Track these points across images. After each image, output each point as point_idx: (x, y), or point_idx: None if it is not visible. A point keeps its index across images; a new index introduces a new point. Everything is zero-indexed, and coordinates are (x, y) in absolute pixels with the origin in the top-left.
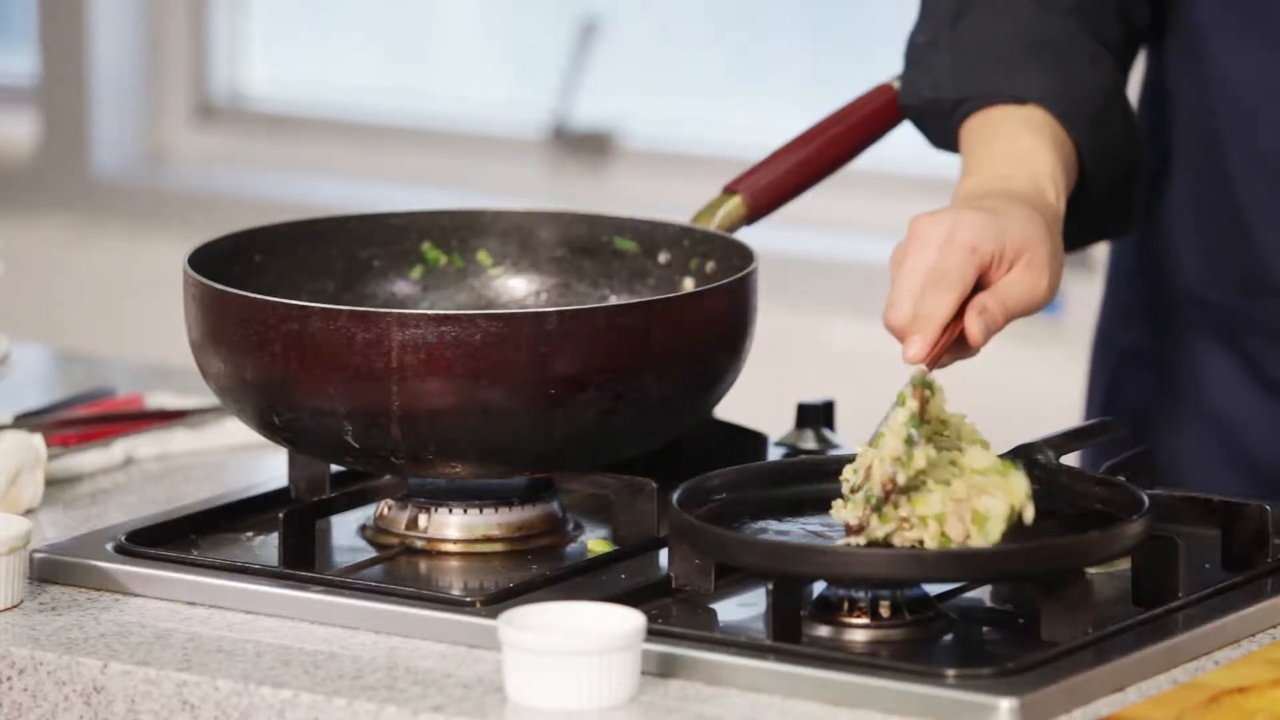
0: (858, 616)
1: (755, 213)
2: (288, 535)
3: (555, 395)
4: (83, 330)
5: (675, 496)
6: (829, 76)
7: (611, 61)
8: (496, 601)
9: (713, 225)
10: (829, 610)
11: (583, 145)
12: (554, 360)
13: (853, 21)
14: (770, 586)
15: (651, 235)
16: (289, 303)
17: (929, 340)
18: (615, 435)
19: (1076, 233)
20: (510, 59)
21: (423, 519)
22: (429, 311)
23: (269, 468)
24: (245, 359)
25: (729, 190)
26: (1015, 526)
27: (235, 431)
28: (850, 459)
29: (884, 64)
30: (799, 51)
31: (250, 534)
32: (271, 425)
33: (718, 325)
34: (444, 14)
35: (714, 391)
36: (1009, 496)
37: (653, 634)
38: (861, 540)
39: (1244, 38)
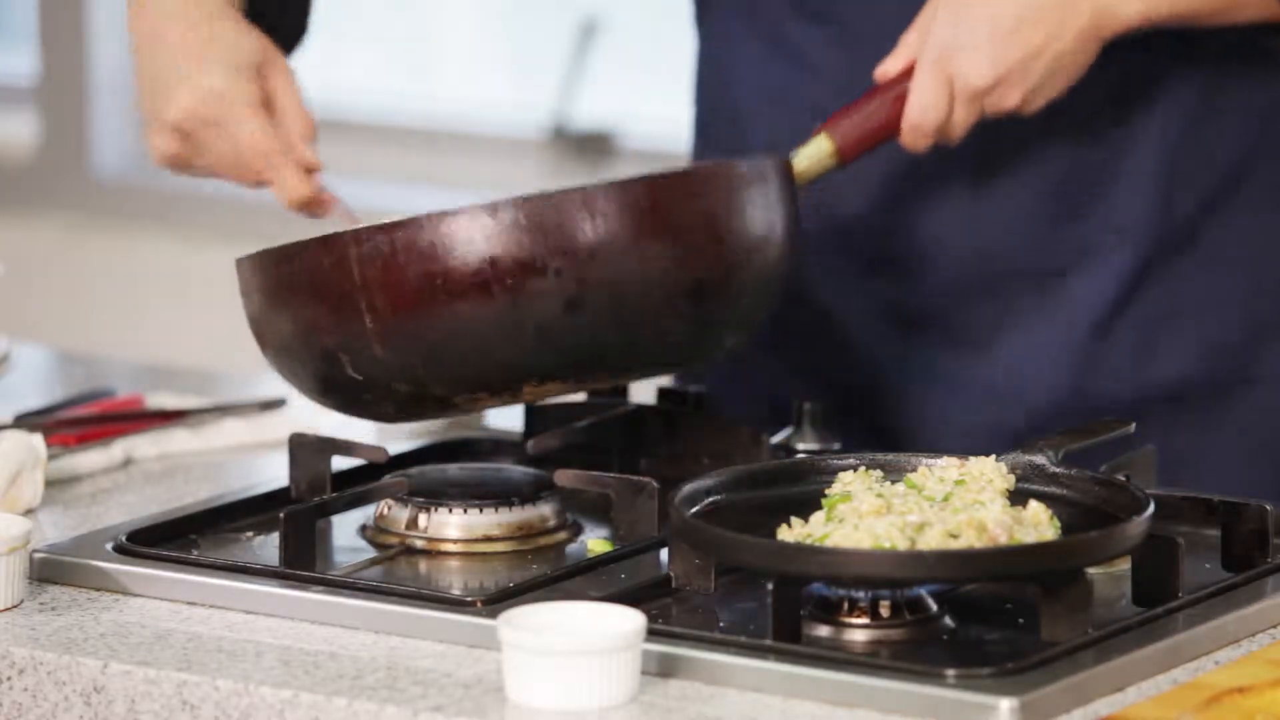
0: (858, 616)
1: (846, 157)
2: (288, 535)
3: (512, 285)
4: (83, 330)
5: (675, 496)
6: None
7: (611, 61)
8: (496, 601)
9: (797, 167)
10: (829, 610)
11: (583, 145)
12: (507, 250)
13: None
14: (770, 586)
15: None
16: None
17: None
18: (593, 328)
19: None
20: (510, 59)
21: (423, 519)
22: (381, 222)
23: (269, 468)
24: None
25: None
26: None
27: (235, 431)
28: (851, 464)
29: None
30: None
31: (250, 534)
32: (334, 381)
33: (688, 211)
34: (444, 15)
35: (699, 288)
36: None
37: (653, 634)
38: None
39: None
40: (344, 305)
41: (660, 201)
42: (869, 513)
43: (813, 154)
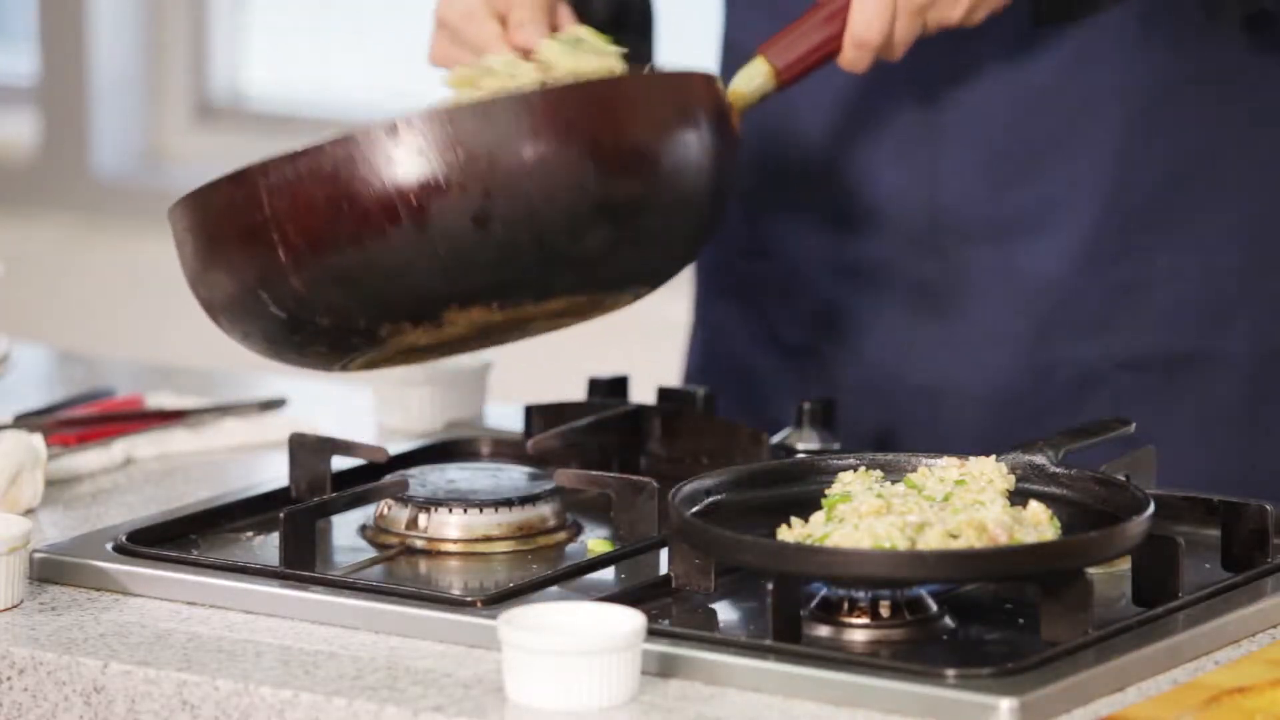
0: (858, 616)
1: (784, 78)
2: (288, 535)
3: (418, 205)
4: (83, 330)
5: (675, 496)
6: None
7: None
8: (496, 601)
9: (735, 89)
10: (829, 610)
11: None
12: (409, 170)
13: None
14: (770, 586)
15: None
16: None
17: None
18: (504, 242)
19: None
20: None
21: (423, 519)
22: (287, 152)
23: (269, 468)
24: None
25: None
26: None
27: (235, 431)
28: (851, 464)
29: None
30: None
31: (250, 534)
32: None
33: (589, 119)
34: None
35: (608, 191)
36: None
37: (653, 634)
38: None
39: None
40: (258, 240)
41: (558, 111)
42: (869, 513)
43: (750, 75)
